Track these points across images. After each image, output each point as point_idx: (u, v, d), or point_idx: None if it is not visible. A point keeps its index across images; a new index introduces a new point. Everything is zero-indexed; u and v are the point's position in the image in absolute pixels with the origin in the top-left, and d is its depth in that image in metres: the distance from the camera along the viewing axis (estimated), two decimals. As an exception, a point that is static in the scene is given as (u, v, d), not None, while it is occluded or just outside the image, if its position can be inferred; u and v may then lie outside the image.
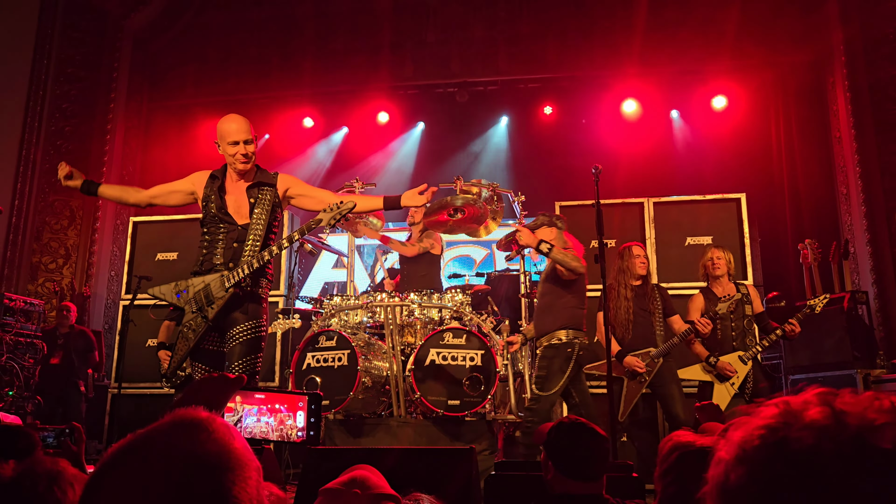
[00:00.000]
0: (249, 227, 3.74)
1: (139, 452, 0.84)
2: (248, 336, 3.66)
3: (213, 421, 0.87)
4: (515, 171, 9.62)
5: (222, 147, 3.79)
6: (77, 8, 9.52)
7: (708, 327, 4.96)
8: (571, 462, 2.07)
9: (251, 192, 3.79)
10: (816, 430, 0.69)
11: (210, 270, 3.72)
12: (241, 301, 3.68)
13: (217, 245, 3.73)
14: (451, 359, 5.11)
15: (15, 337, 6.80)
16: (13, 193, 8.72)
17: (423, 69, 9.61)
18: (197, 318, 3.66)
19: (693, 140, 9.26)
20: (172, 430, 0.86)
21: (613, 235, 6.32)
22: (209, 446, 0.84)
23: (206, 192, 3.82)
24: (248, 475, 0.84)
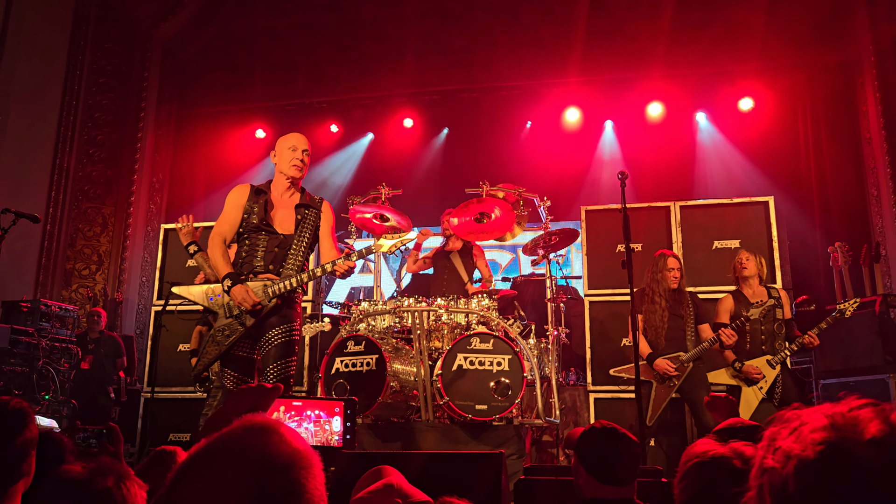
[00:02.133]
0: (293, 239, 3.85)
1: (219, 454, 0.90)
2: (282, 339, 3.72)
3: (280, 425, 0.94)
4: (541, 175, 9.61)
5: (279, 155, 3.96)
6: (108, 19, 9.71)
7: (732, 339, 4.95)
8: (602, 466, 2.08)
9: (299, 210, 3.93)
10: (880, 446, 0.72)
11: (250, 273, 3.78)
12: (276, 307, 3.75)
13: (258, 249, 3.82)
14: (478, 363, 5.14)
15: (51, 342, 6.95)
16: (48, 201, 8.91)
17: (447, 75, 9.66)
18: (233, 324, 3.72)
19: (719, 142, 9.20)
20: (247, 434, 0.92)
21: (640, 240, 6.30)
22: (282, 447, 0.91)
23: (249, 204, 3.90)
24: (317, 472, 0.92)
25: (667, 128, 9.31)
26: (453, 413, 5.11)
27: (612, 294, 6.30)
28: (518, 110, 9.84)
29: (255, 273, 3.78)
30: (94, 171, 9.43)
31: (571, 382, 6.93)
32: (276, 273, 3.79)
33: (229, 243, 3.94)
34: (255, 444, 0.91)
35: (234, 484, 0.87)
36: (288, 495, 0.88)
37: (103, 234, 9.29)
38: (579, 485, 2.15)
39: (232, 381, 3.73)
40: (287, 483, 0.89)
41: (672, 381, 5.02)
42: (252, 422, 0.95)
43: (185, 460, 0.93)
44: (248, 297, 3.64)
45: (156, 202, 9.95)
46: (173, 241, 7.40)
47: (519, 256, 9.82)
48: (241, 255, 3.86)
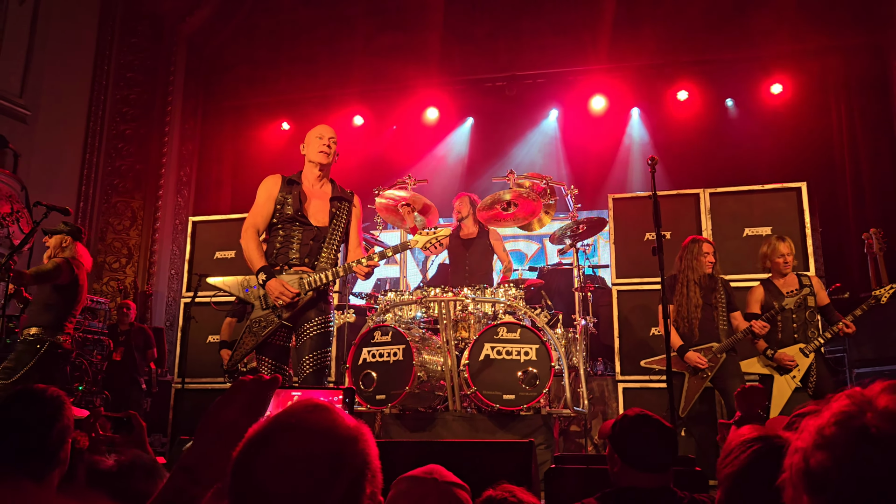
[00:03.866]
0: (328, 231, 3.89)
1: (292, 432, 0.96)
2: (318, 331, 3.77)
3: (332, 404, 1.02)
4: (568, 163, 9.54)
5: (308, 145, 4.03)
6: (134, 15, 9.80)
7: (764, 331, 4.86)
8: (638, 454, 2.05)
9: (333, 203, 3.97)
10: (890, 417, 0.75)
11: (285, 265, 3.80)
12: (312, 299, 3.79)
13: (293, 241, 3.84)
14: (505, 353, 5.12)
15: (83, 334, 7.06)
16: (78, 196, 9.04)
17: (472, 63, 9.61)
18: (269, 316, 3.76)
19: (749, 128, 9.04)
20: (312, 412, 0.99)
21: (668, 227, 6.21)
22: (347, 422, 1.00)
23: (282, 195, 3.92)
24: (374, 444, 1.02)
25: (695, 115, 9.17)
26: (481, 403, 5.10)
27: (641, 283, 6.23)
28: (544, 99, 9.76)
29: (290, 265, 3.80)
30: (122, 165, 9.54)
31: (599, 372, 6.88)
32: (311, 266, 3.81)
33: (262, 234, 3.97)
34: (323, 419, 0.97)
35: (314, 458, 0.93)
36: (361, 466, 0.96)
37: (133, 228, 9.41)
38: (615, 473, 2.12)
39: (268, 369, 3.78)
40: (358, 454, 0.96)
41: (705, 373, 4.94)
42: (312, 401, 1.00)
43: (252, 440, 0.97)
44: (285, 292, 3.67)
45: (183, 195, 10.05)
46: (201, 233, 7.46)
47: (545, 246, 9.77)
48: (276, 246, 3.88)
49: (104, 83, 9.44)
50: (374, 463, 0.99)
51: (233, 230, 7.40)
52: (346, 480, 0.94)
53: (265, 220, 3.92)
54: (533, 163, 9.52)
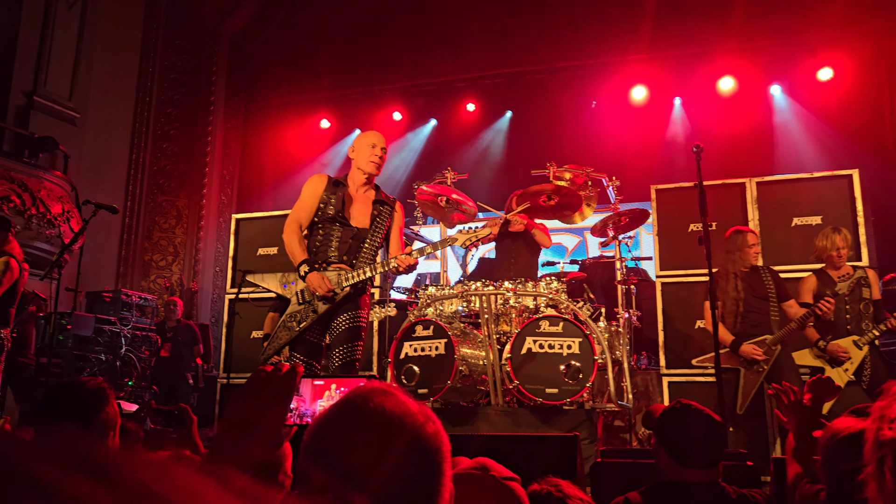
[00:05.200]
0: (368, 232, 3.95)
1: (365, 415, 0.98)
2: (349, 325, 3.81)
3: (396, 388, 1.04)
4: (609, 155, 9.40)
5: (358, 151, 4.04)
6: (177, 17, 9.98)
7: (830, 308, 4.68)
8: (685, 448, 1.99)
9: (375, 207, 4.02)
10: None
11: (324, 262, 3.85)
12: (348, 296, 3.84)
13: (332, 239, 3.90)
14: (547, 347, 5.06)
15: (132, 330, 7.23)
16: (125, 195, 9.26)
17: (510, 56, 9.55)
18: (305, 311, 3.81)
19: (796, 116, 8.80)
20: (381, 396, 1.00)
21: (713, 218, 6.07)
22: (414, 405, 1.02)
23: (326, 195, 3.98)
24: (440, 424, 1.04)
25: (739, 103, 8.96)
26: (523, 397, 5.06)
27: (685, 275, 6.11)
28: (583, 90, 9.64)
29: (329, 262, 3.85)
30: (167, 164, 9.73)
31: (643, 366, 6.78)
32: (350, 264, 3.86)
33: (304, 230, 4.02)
34: (398, 403, 0.98)
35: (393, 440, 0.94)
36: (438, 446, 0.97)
37: (178, 226, 9.59)
38: (661, 468, 2.06)
39: (299, 364, 3.79)
40: (433, 436, 0.98)
41: (761, 367, 4.80)
42: (381, 385, 1.02)
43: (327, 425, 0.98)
44: (322, 284, 3.72)
45: (226, 193, 10.21)
46: (244, 230, 7.56)
47: (586, 239, 9.66)
48: (315, 244, 3.94)
49: (149, 85, 9.64)
50: (446, 441, 1.01)
51: (275, 227, 7.49)
52: (428, 462, 0.96)
53: (308, 216, 3.98)
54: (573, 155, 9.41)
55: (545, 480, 1.67)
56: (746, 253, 4.91)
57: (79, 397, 1.78)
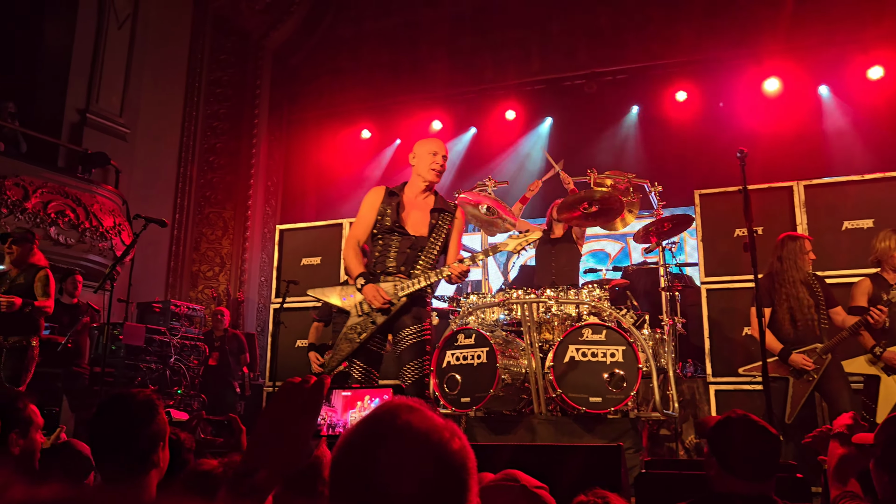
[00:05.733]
0: (427, 241, 3.93)
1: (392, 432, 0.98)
2: (415, 340, 3.81)
3: (425, 404, 1.04)
4: (651, 160, 9.29)
5: (418, 158, 4.03)
6: (223, 32, 10.23)
7: (882, 317, 4.53)
8: (738, 460, 1.95)
9: (434, 215, 4.00)
10: None
11: (382, 273, 3.88)
12: (408, 305, 3.83)
13: (390, 250, 3.92)
14: (590, 355, 5.02)
15: (181, 340, 7.40)
16: (174, 208, 9.50)
17: (550, 63, 9.53)
18: (365, 322, 3.83)
19: (845, 117, 8.57)
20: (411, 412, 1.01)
21: (760, 223, 5.95)
22: (440, 420, 1.01)
23: (383, 206, 4.00)
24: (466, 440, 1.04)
25: (785, 104, 8.77)
26: (566, 406, 5.03)
27: (731, 281, 6.00)
28: (624, 95, 9.56)
29: (387, 273, 3.87)
30: (214, 177, 9.95)
31: (689, 374, 6.67)
32: (407, 274, 3.86)
33: (363, 244, 4.06)
34: (425, 420, 0.99)
35: (421, 458, 0.95)
36: (464, 463, 0.97)
37: (224, 237, 9.80)
38: (711, 477, 2.03)
39: (359, 372, 3.84)
40: (458, 452, 0.98)
41: (810, 376, 4.67)
42: (407, 402, 1.02)
43: (354, 443, 0.99)
44: (377, 296, 3.74)
45: (271, 205, 10.39)
46: (288, 241, 7.68)
47: (629, 245, 9.55)
48: (375, 254, 3.97)
49: (195, 99, 9.89)
50: (472, 458, 1.01)
51: (318, 237, 7.61)
52: (455, 477, 0.96)
53: (366, 231, 4.01)
54: (614, 160, 9.34)
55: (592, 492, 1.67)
56: (805, 260, 4.79)
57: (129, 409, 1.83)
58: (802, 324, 4.70)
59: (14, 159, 7.38)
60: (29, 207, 7.12)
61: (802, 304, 4.70)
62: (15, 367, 5.16)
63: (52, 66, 8.40)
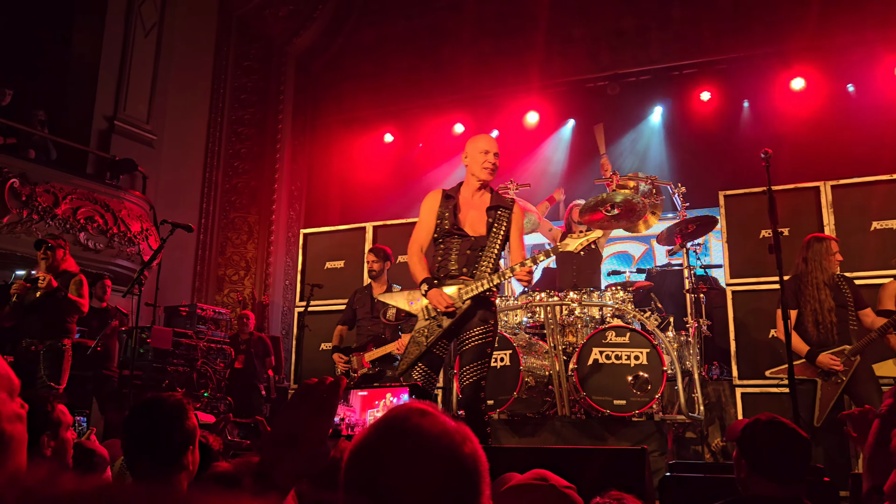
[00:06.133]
0: (486, 241, 3.91)
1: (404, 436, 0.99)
2: (477, 342, 3.79)
3: (436, 407, 1.04)
4: (674, 162, 9.23)
5: (470, 157, 4.02)
6: (247, 39, 10.35)
7: None
8: (769, 463, 1.94)
9: (490, 213, 3.97)
10: None
11: (446, 277, 3.89)
12: (473, 308, 3.82)
13: (451, 253, 3.92)
14: (614, 358, 5.01)
15: (207, 343, 7.48)
16: (200, 213, 9.62)
17: (572, 65, 9.51)
18: (431, 325, 3.84)
19: (873, 115, 8.44)
20: (421, 416, 1.01)
21: (785, 224, 5.89)
22: (453, 424, 1.01)
23: (441, 210, 4.00)
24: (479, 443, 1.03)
25: (811, 104, 8.66)
26: (590, 408, 5.02)
27: (757, 283, 5.94)
28: (647, 96, 9.51)
29: (451, 276, 3.87)
30: (239, 182, 10.06)
31: (715, 377, 6.61)
32: (471, 275, 3.85)
33: (425, 249, 4.06)
34: (435, 424, 0.99)
35: (431, 463, 0.95)
36: (475, 467, 0.97)
37: (249, 242, 9.90)
38: (741, 480, 2.02)
39: (420, 374, 3.84)
40: (469, 457, 0.98)
41: (839, 378, 4.61)
42: (418, 406, 1.02)
43: (365, 446, 0.99)
44: (441, 300, 3.75)
45: (295, 209, 10.48)
46: (312, 245, 7.74)
47: (653, 247, 9.49)
48: (437, 258, 3.98)
49: (220, 105, 10.01)
50: (485, 463, 1.00)
51: (342, 241, 7.67)
52: (466, 482, 0.96)
53: (427, 236, 4.01)
54: (637, 162, 9.29)
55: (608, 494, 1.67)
56: (830, 261, 4.73)
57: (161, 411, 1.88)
58: (824, 326, 4.64)
59: (45, 166, 7.53)
60: (59, 213, 7.25)
61: (823, 307, 4.65)
62: (53, 369, 5.28)
63: (80, 74, 8.56)
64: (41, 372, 5.25)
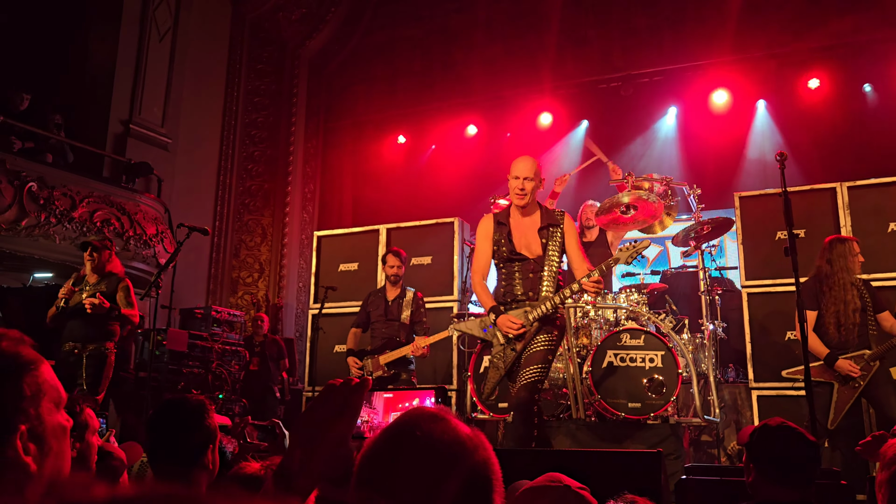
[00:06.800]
0: (545, 260, 4.01)
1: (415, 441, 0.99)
2: (542, 347, 3.90)
3: (449, 412, 1.04)
4: (689, 162, 9.17)
5: (509, 183, 4.11)
6: (260, 42, 10.41)
7: None
8: (774, 466, 1.95)
9: (542, 233, 4.04)
10: None
11: (513, 302, 4.00)
12: (540, 328, 3.94)
13: (515, 278, 4.03)
14: (629, 360, 5.00)
15: (222, 345, 7.52)
16: (214, 215, 9.67)
17: (585, 66, 9.49)
18: (506, 350, 3.97)
19: (889, 115, 8.36)
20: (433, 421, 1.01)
21: (802, 225, 5.85)
22: (466, 430, 1.01)
23: (496, 237, 4.10)
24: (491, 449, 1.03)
25: (827, 104, 8.58)
26: (605, 411, 5.00)
27: (773, 284, 5.90)
28: (661, 97, 9.45)
29: (517, 300, 3.99)
30: (252, 185, 10.11)
31: (731, 379, 6.57)
32: (536, 297, 3.96)
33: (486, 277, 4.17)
34: (446, 429, 0.99)
35: (439, 467, 0.95)
36: (485, 473, 0.97)
37: (263, 244, 9.94)
38: (750, 484, 2.02)
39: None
40: (480, 463, 0.98)
41: (857, 382, 4.56)
42: (431, 411, 1.02)
43: (377, 450, 0.99)
44: (511, 326, 3.87)
45: (308, 211, 10.52)
46: (326, 247, 7.77)
47: (668, 249, 9.45)
48: (502, 283, 4.10)
49: (234, 108, 10.07)
50: (498, 471, 1.00)
51: (355, 243, 7.69)
52: (476, 490, 0.96)
53: (486, 263, 4.13)
54: (652, 163, 9.24)
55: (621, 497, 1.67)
56: (855, 262, 4.69)
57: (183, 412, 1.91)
58: (846, 328, 4.60)
59: (62, 170, 7.60)
60: (76, 217, 7.32)
61: (848, 308, 4.60)
62: (95, 377, 5.22)
63: (96, 79, 8.64)
64: (83, 378, 5.17)
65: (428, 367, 6.66)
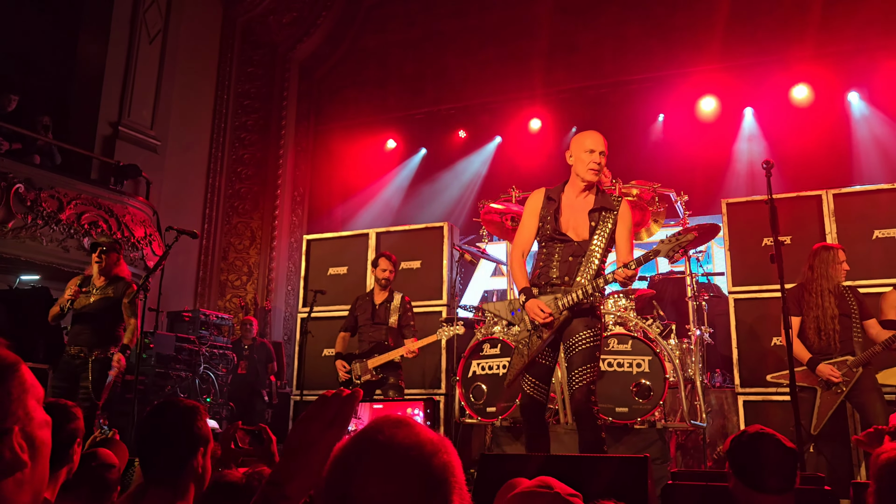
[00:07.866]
0: (588, 246, 3.71)
1: (379, 448, 1.01)
2: (586, 346, 3.62)
3: (413, 418, 1.06)
4: (677, 169, 9.23)
5: (575, 157, 3.76)
6: (250, 45, 10.41)
7: None
8: (755, 474, 1.97)
9: (593, 216, 3.74)
10: None
11: (546, 285, 3.73)
12: (573, 317, 3.66)
13: (553, 259, 3.74)
14: (616, 365, 5.02)
15: (210, 349, 7.50)
16: (202, 218, 9.65)
17: (575, 72, 9.54)
18: (532, 336, 3.70)
19: (877, 124, 8.45)
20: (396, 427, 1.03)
21: (788, 232, 5.90)
22: (428, 434, 1.04)
23: (543, 213, 3.81)
24: (455, 454, 1.06)
25: (814, 112, 8.66)
26: (593, 416, 5.01)
27: (759, 290, 5.95)
28: (650, 103, 9.51)
29: (552, 284, 3.70)
30: (241, 188, 10.10)
31: (718, 384, 6.61)
32: (570, 283, 3.67)
33: (527, 254, 3.88)
34: (409, 435, 1.01)
35: (402, 473, 0.97)
36: (447, 477, 0.99)
37: (252, 247, 9.92)
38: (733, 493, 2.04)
39: (530, 387, 3.71)
40: (441, 467, 1.00)
41: (839, 388, 4.60)
42: (394, 417, 1.04)
43: (343, 457, 1.00)
44: (538, 313, 3.60)
45: (297, 214, 10.50)
46: (315, 250, 7.76)
47: (655, 254, 9.49)
48: (539, 265, 3.81)
49: (224, 111, 10.06)
50: (458, 475, 1.02)
51: (344, 247, 7.68)
52: (434, 493, 0.98)
53: (529, 239, 3.84)
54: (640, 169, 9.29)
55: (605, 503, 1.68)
56: (837, 269, 4.73)
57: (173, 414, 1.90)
58: (826, 333, 4.65)
59: (49, 172, 7.56)
60: (63, 219, 7.28)
61: (826, 314, 4.65)
62: (99, 378, 5.10)
63: (85, 80, 8.60)
64: (86, 382, 5.06)
65: (416, 372, 6.66)
